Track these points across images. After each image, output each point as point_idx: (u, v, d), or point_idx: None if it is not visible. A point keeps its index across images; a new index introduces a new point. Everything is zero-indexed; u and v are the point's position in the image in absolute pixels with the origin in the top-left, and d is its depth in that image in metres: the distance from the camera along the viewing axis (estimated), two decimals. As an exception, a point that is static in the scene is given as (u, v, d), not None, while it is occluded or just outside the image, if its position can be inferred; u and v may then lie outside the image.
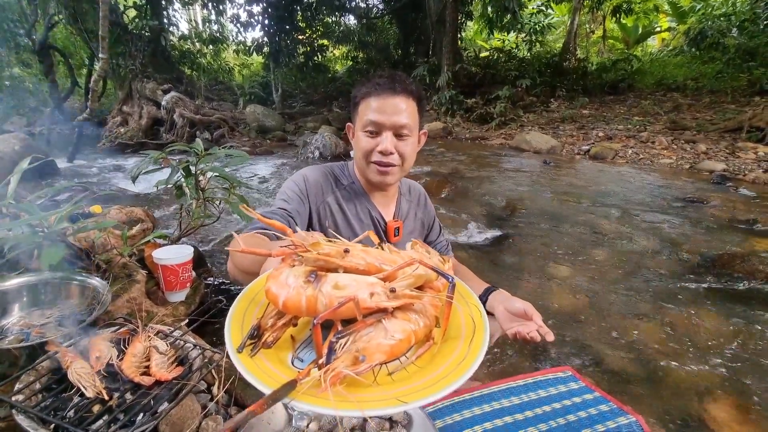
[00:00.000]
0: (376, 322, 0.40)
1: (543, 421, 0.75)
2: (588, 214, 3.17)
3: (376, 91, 0.96)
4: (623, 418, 0.75)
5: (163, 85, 10.14)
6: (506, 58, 11.60)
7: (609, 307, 1.80)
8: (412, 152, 1.02)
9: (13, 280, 0.96)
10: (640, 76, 11.20)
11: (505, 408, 0.79)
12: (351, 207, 1.07)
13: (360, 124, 1.00)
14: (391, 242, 1.06)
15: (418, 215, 1.19)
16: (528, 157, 6.02)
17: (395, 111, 0.95)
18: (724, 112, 7.74)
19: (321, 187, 1.06)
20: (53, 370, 0.83)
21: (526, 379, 0.87)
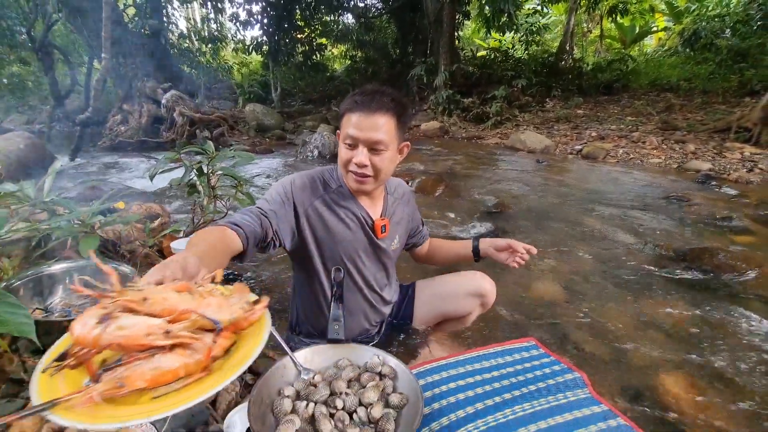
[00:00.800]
0: (149, 356, 0.48)
1: (506, 378, 0.91)
2: (574, 211, 3.34)
3: (356, 108, 1.05)
4: (570, 374, 0.91)
5: (163, 84, 10.24)
6: (503, 58, 11.74)
7: (584, 293, 1.96)
8: (388, 165, 1.10)
9: (57, 266, 1.12)
10: (634, 76, 11.35)
11: (477, 370, 0.95)
12: (340, 209, 1.16)
13: (341, 136, 1.10)
14: (378, 238, 1.21)
15: (406, 211, 1.33)
16: (522, 157, 6.17)
17: (371, 127, 1.04)
18: (714, 113, 7.91)
19: (309, 191, 1.14)
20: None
21: (496, 347, 1.03)
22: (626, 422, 0.82)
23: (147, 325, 0.48)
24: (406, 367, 0.84)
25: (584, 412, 0.84)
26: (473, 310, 1.34)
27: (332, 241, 1.15)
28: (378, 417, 0.74)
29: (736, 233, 2.85)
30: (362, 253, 1.21)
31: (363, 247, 1.20)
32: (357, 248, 1.19)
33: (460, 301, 1.34)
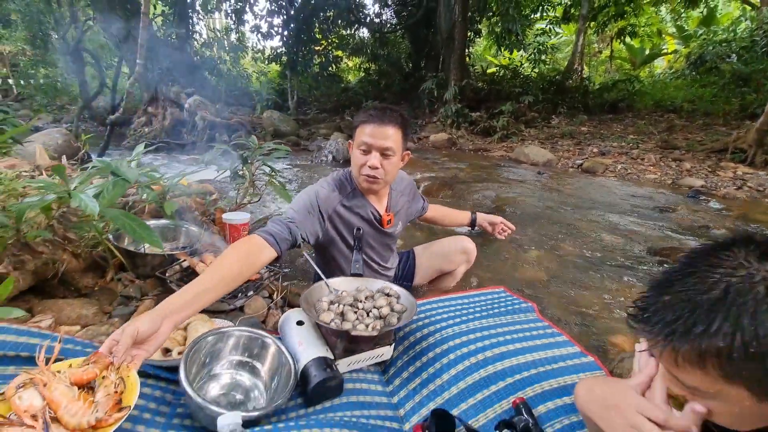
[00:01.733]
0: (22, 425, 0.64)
1: (475, 303, 1.25)
2: (565, 214, 3.66)
3: (370, 120, 1.31)
4: (524, 304, 1.25)
5: (186, 89, 10.78)
6: (512, 75, 12.14)
7: (563, 279, 2.29)
8: (394, 168, 1.36)
9: (150, 222, 1.49)
10: (640, 96, 11.65)
11: (459, 303, 1.29)
12: (355, 206, 1.43)
13: (356, 143, 1.35)
14: (385, 228, 1.51)
15: (406, 199, 1.64)
16: (525, 169, 6.51)
17: (383, 137, 1.29)
18: (714, 134, 8.19)
19: (330, 198, 1.38)
20: (183, 269, 1.35)
21: (474, 291, 1.37)
22: (593, 358, 1.13)
23: (26, 405, 0.67)
24: (406, 291, 1.19)
25: (553, 345, 1.17)
26: (461, 263, 1.75)
27: (350, 231, 1.46)
28: (386, 314, 1.08)
29: (709, 239, 3.16)
30: (371, 240, 1.52)
31: (373, 236, 1.52)
32: (368, 237, 1.51)
33: (452, 257, 1.72)
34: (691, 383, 0.53)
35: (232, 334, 1.02)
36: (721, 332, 0.47)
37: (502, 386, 0.94)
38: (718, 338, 0.47)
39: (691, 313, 0.50)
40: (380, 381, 1.11)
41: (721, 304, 0.48)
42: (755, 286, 0.48)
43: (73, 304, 1.20)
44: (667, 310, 0.53)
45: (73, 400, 0.70)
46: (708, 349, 0.48)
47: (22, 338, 0.90)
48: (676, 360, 0.52)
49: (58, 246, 1.17)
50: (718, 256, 0.52)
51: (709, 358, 0.49)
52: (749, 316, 0.46)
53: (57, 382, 0.71)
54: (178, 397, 0.95)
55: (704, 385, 0.51)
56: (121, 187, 1.14)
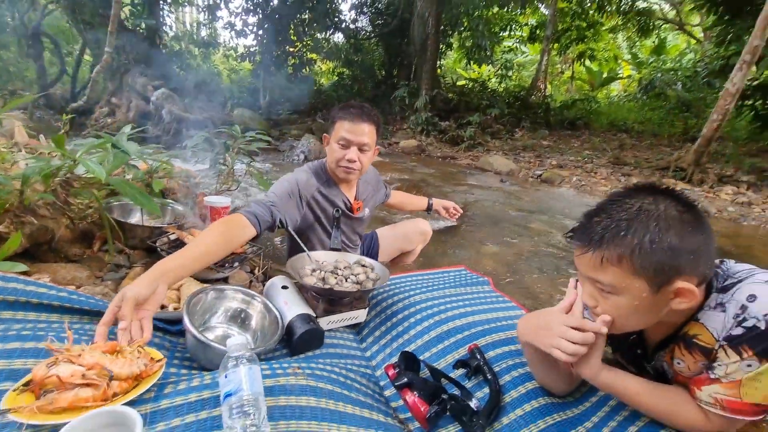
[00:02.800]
0: (72, 388, 0.70)
1: (440, 278, 1.43)
2: (523, 217, 3.96)
3: (349, 117, 1.43)
4: (481, 278, 1.44)
5: (154, 82, 10.48)
6: (480, 88, 12.69)
7: (519, 270, 2.53)
8: (368, 161, 1.52)
9: (137, 195, 1.57)
10: (596, 116, 12.50)
11: (424, 279, 1.47)
12: (329, 194, 1.56)
13: (335, 138, 1.46)
14: (355, 214, 1.66)
15: (372, 188, 1.79)
16: (489, 176, 6.87)
17: (361, 133, 1.42)
18: (659, 154, 8.96)
19: (309, 184, 1.50)
20: (171, 241, 1.45)
21: (437, 269, 1.55)
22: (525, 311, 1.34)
23: (72, 370, 0.74)
24: (382, 264, 1.35)
25: (493, 301, 1.37)
26: (419, 243, 1.98)
27: (325, 216, 1.60)
28: (362, 280, 1.24)
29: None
30: (343, 225, 1.66)
31: (344, 221, 1.65)
32: (340, 222, 1.63)
33: (411, 237, 1.95)
34: (608, 281, 0.73)
35: (226, 291, 1.13)
36: (636, 234, 0.69)
37: (460, 337, 1.11)
38: (633, 239, 0.69)
39: (615, 226, 0.71)
40: (355, 339, 1.26)
41: (635, 218, 0.70)
42: (658, 208, 0.71)
43: (67, 267, 1.28)
44: (597, 225, 0.74)
45: (113, 360, 0.77)
46: (625, 249, 0.69)
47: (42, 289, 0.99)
48: (601, 261, 0.72)
49: (58, 210, 1.23)
50: (631, 195, 0.75)
51: (624, 257, 0.70)
52: (654, 223, 0.69)
53: (90, 352, 0.77)
54: (174, 344, 1.05)
55: (617, 280, 0.72)
56: (120, 158, 1.23)
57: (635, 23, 13.06)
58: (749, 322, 0.70)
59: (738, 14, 7.25)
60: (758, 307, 0.70)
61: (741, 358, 0.71)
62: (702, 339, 0.78)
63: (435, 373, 0.99)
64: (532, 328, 0.87)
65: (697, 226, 0.71)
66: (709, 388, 0.76)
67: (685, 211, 0.71)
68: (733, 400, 0.73)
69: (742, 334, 0.71)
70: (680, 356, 0.83)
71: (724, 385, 0.74)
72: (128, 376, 0.76)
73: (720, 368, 0.74)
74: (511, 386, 0.95)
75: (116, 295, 0.91)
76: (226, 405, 0.70)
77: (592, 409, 0.90)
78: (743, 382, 0.72)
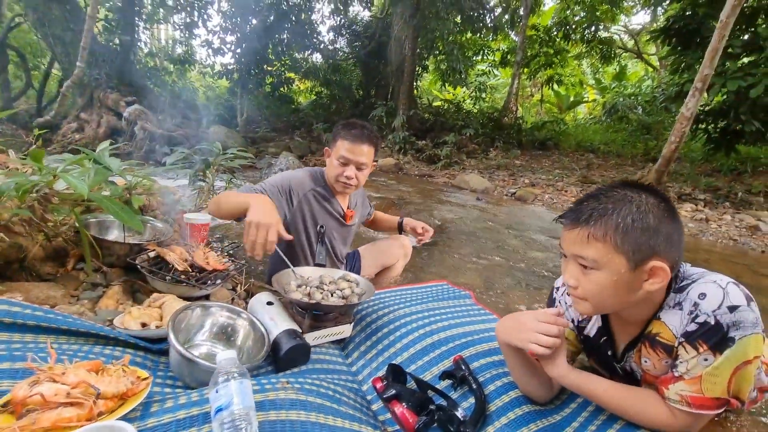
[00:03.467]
0: (55, 407, 0.68)
1: (422, 293, 1.46)
2: (498, 233, 4.07)
3: (350, 138, 1.55)
4: (463, 292, 1.48)
5: (127, 97, 10.26)
6: (455, 109, 13.08)
7: (496, 284, 2.59)
8: (365, 178, 1.65)
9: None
10: (564, 137, 13.06)
11: (407, 294, 1.49)
12: (324, 201, 1.69)
13: (335, 155, 1.58)
14: (347, 223, 1.77)
15: (361, 202, 1.92)
16: (464, 194, 7.03)
17: (360, 153, 1.55)
18: (623, 173, 9.43)
19: (303, 183, 1.64)
20: (152, 258, 1.42)
21: (421, 284, 1.58)
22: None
23: (56, 389, 0.72)
24: (366, 279, 1.37)
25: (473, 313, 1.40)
26: (400, 257, 2.00)
27: (315, 222, 1.67)
28: (348, 295, 1.25)
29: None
30: (335, 232, 1.76)
31: (337, 229, 1.76)
32: (332, 230, 1.75)
33: (392, 252, 1.97)
34: (592, 256, 0.80)
35: (212, 307, 1.12)
36: (620, 214, 0.78)
37: (445, 349, 1.14)
38: (618, 218, 0.78)
39: (602, 207, 0.80)
40: (340, 355, 1.26)
41: (620, 201, 0.80)
42: (640, 197, 0.80)
43: (40, 286, 1.23)
44: (586, 208, 0.82)
45: (99, 378, 0.76)
46: (609, 227, 0.78)
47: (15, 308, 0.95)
48: (588, 237, 0.80)
49: (34, 227, 1.19)
50: (616, 187, 0.84)
51: (609, 234, 0.78)
52: (636, 207, 0.78)
53: (74, 370, 0.75)
54: (156, 363, 1.03)
55: (600, 255, 0.79)
56: (102, 174, 1.21)
57: (598, 51, 13.87)
58: (701, 318, 0.78)
59: (688, 46, 7.84)
60: (707, 305, 0.78)
61: (698, 353, 0.78)
62: (663, 336, 0.85)
63: (422, 384, 1.01)
64: (508, 328, 0.92)
65: (671, 215, 0.80)
66: (675, 386, 0.82)
67: (662, 202, 0.81)
68: (696, 396, 0.79)
69: (696, 329, 0.79)
70: (647, 355, 0.90)
71: (687, 382, 0.80)
72: (114, 394, 0.74)
73: (682, 365, 0.81)
74: (495, 395, 0.98)
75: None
76: (217, 420, 0.70)
77: (573, 414, 0.94)
78: (703, 377, 0.79)
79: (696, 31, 7.57)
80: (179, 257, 1.41)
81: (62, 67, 10.78)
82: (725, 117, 7.17)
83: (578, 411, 0.95)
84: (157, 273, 1.32)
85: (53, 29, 10.13)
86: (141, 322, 1.11)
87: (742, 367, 0.77)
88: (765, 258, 4.17)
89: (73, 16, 10.01)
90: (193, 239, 1.93)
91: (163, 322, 1.14)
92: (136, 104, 10.01)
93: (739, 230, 5.24)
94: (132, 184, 1.72)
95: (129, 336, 1.04)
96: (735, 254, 4.26)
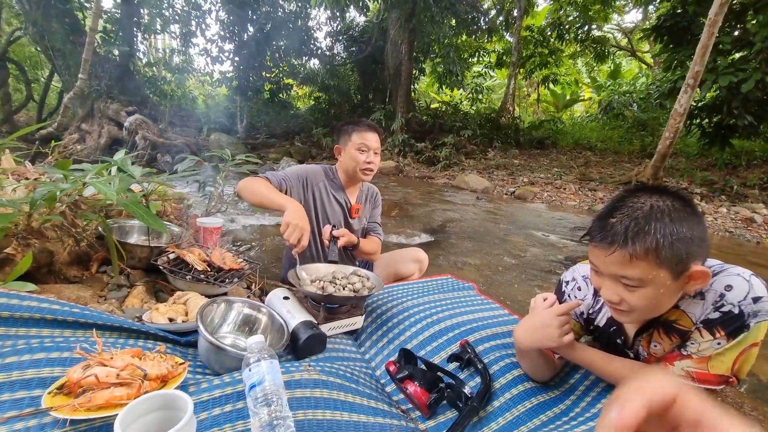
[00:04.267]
0: (107, 387, 0.75)
1: (428, 286, 1.54)
2: (499, 231, 4.15)
3: (363, 128, 1.76)
4: (467, 284, 1.56)
5: (127, 107, 10.37)
6: (452, 111, 13.20)
7: (499, 279, 2.67)
8: (379, 162, 1.81)
9: (133, 221, 1.63)
10: (562, 135, 13.18)
11: (414, 288, 1.57)
12: (333, 192, 1.84)
13: (354, 145, 1.74)
14: (352, 218, 1.88)
15: (369, 204, 2.00)
16: (465, 194, 7.12)
17: (375, 140, 1.76)
18: (621, 169, 9.52)
19: (316, 175, 1.83)
20: (172, 259, 1.50)
21: (426, 278, 1.66)
22: (516, 316, 1.45)
23: (107, 371, 0.81)
24: (375, 275, 1.45)
25: (482, 307, 1.48)
26: (415, 271, 2.03)
27: (324, 211, 1.79)
28: (359, 288, 1.33)
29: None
30: (340, 224, 1.84)
31: (340, 220, 1.85)
32: (339, 219, 1.83)
33: (407, 264, 2.00)
34: (636, 275, 0.79)
35: (235, 302, 1.21)
36: (657, 230, 0.76)
37: (452, 335, 1.22)
38: (656, 235, 0.76)
39: (635, 224, 0.78)
40: (354, 345, 1.34)
41: (651, 215, 0.78)
42: (666, 205, 0.79)
43: (70, 287, 1.31)
44: (618, 225, 0.80)
45: (143, 362, 0.84)
46: (649, 245, 0.76)
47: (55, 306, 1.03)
48: (630, 258, 0.78)
49: (65, 231, 1.28)
50: (636, 194, 0.83)
51: (650, 251, 0.77)
52: (668, 218, 0.77)
53: (119, 356, 0.84)
54: (185, 354, 1.11)
55: (644, 273, 0.78)
56: (126, 181, 1.30)
57: (592, 50, 14.01)
58: (726, 308, 0.83)
59: (680, 43, 7.96)
60: (733, 295, 0.82)
61: (714, 338, 0.84)
62: (681, 323, 0.90)
63: (431, 366, 1.09)
64: (532, 333, 0.97)
65: (697, 217, 0.80)
66: (681, 363, 0.88)
67: (686, 205, 0.80)
68: (701, 372, 0.86)
69: (718, 317, 0.84)
70: (658, 340, 0.95)
71: (695, 360, 0.87)
72: (158, 375, 0.82)
73: (692, 346, 0.87)
74: (499, 374, 1.06)
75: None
76: (251, 396, 0.78)
77: (572, 388, 1.02)
78: (712, 357, 0.85)
79: (687, 28, 7.69)
80: (198, 258, 1.49)
81: (62, 79, 10.90)
82: (718, 112, 7.28)
83: (576, 385, 1.03)
84: (178, 273, 1.40)
85: (53, 42, 10.25)
86: (168, 317, 1.20)
87: (749, 349, 0.83)
88: (760, 249, 4.25)
89: (72, 28, 10.14)
90: (207, 241, 2.02)
91: (189, 316, 1.22)
92: (136, 114, 10.12)
93: (734, 222, 5.33)
94: (148, 190, 1.80)
95: (159, 330, 1.12)
96: (731, 245, 4.35)
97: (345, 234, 1.61)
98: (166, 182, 1.75)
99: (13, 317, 1.02)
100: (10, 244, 1.19)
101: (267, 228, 3.28)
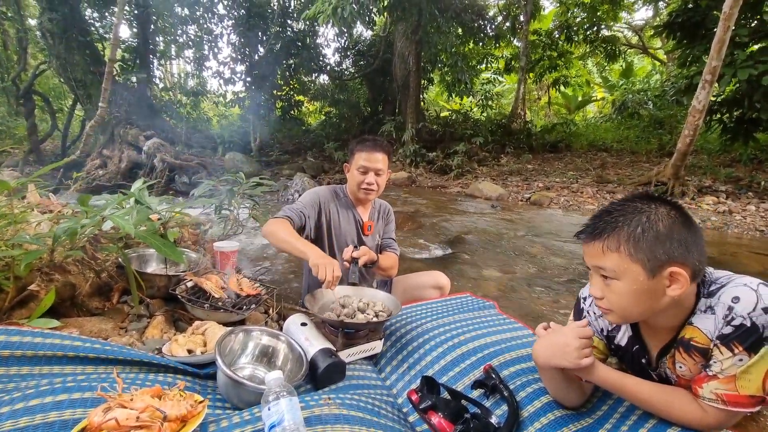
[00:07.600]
0: (132, 428, 0.76)
1: (447, 305, 1.50)
2: (517, 240, 4.08)
3: (366, 148, 1.73)
4: (487, 303, 1.52)
5: (145, 132, 10.69)
6: (463, 119, 13.16)
7: (518, 292, 2.61)
8: (383, 183, 1.80)
9: (152, 250, 1.65)
10: (576, 137, 12.97)
11: (433, 307, 1.54)
12: (344, 212, 1.84)
13: (355, 166, 1.76)
14: (365, 234, 1.87)
15: (382, 221, 1.99)
16: (479, 202, 7.04)
17: (376, 161, 1.73)
18: (639, 170, 9.29)
19: (327, 199, 1.82)
20: (189, 288, 1.51)
21: (445, 296, 1.62)
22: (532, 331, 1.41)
23: (127, 414, 0.78)
24: (394, 297, 1.43)
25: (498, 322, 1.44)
26: (435, 297, 1.96)
27: (338, 231, 1.78)
28: (377, 311, 1.31)
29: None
30: (354, 243, 1.82)
31: (354, 238, 1.85)
32: (353, 238, 1.82)
33: (426, 291, 1.94)
34: (610, 266, 0.84)
35: (253, 332, 1.20)
36: (630, 225, 0.83)
37: (475, 359, 1.18)
38: (628, 229, 0.83)
39: (614, 220, 0.85)
40: (373, 370, 1.31)
41: (630, 213, 0.84)
42: (650, 207, 0.84)
43: (92, 320, 1.33)
44: (599, 222, 0.87)
45: (161, 403, 0.84)
46: (621, 238, 0.83)
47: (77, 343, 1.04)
48: (602, 249, 0.85)
49: (86, 265, 1.30)
50: (629, 200, 0.88)
51: (623, 243, 0.82)
52: (645, 217, 0.83)
53: (140, 396, 0.84)
54: (204, 386, 1.10)
55: (617, 265, 0.83)
56: (144, 213, 1.31)
57: (602, 50, 13.83)
58: (736, 321, 0.80)
59: (694, 38, 7.79)
60: (742, 307, 0.80)
61: (733, 354, 0.80)
62: (698, 341, 0.87)
63: (455, 394, 1.05)
64: (551, 352, 0.94)
65: (684, 221, 0.83)
66: (709, 385, 0.84)
67: (674, 210, 0.84)
68: (731, 394, 0.81)
69: (732, 332, 0.81)
70: (682, 360, 0.91)
71: (722, 381, 0.82)
72: (177, 416, 0.81)
73: (716, 365, 0.83)
74: (527, 401, 1.01)
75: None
76: (271, 436, 0.76)
77: (605, 416, 0.97)
78: (738, 376, 0.81)
79: (700, 23, 7.53)
80: (216, 285, 1.50)
81: (84, 108, 11.33)
82: (739, 106, 7.06)
83: (610, 413, 0.98)
84: (196, 301, 1.40)
85: (75, 73, 10.70)
86: (187, 349, 1.19)
87: None
88: (795, 248, 4.06)
89: (93, 59, 10.58)
90: (224, 266, 2.03)
91: (208, 347, 1.22)
92: (154, 138, 10.43)
93: (765, 220, 5.11)
94: (166, 218, 1.83)
95: (178, 363, 1.12)
96: (762, 246, 4.16)
97: (365, 253, 1.58)
98: (182, 212, 1.77)
99: (37, 356, 1.03)
100: (35, 279, 1.22)
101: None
